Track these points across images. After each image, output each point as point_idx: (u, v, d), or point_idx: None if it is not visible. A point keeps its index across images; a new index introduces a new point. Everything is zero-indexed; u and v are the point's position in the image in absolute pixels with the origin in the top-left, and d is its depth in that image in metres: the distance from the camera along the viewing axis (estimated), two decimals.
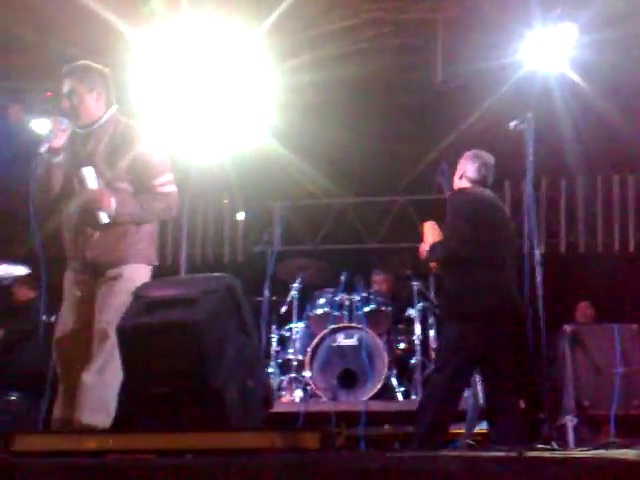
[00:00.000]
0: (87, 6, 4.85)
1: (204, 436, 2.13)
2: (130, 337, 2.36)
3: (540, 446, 2.81)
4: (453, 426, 4.82)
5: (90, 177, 3.04)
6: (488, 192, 3.91)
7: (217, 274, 2.63)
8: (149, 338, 2.34)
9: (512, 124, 4.05)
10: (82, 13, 5.02)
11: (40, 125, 5.92)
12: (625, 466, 1.87)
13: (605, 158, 6.29)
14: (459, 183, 3.93)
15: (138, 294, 2.48)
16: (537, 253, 3.92)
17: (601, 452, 2.29)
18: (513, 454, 1.93)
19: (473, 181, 3.87)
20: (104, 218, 3.01)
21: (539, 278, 3.83)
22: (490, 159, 3.96)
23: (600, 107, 5.72)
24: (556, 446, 3.03)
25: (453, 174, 4.03)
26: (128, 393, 2.39)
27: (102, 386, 2.92)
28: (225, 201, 7.40)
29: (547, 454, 2.18)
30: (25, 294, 5.01)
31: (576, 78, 5.53)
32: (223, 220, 7.45)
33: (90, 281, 3.13)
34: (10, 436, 2.27)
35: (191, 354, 2.27)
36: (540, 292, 3.82)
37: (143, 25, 5.12)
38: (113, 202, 3.01)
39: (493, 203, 3.87)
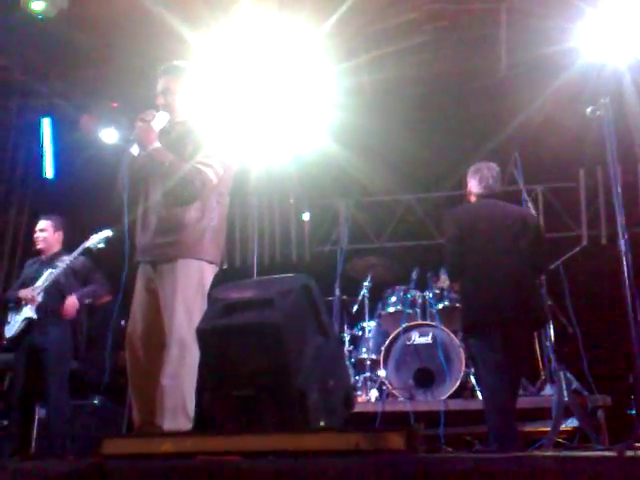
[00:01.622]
0: (149, 16, 4.95)
1: (288, 437, 2.09)
2: (210, 339, 2.35)
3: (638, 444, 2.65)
4: (538, 424, 4.69)
5: (159, 120, 3.19)
6: (489, 202, 3.89)
7: (293, 274, 2.59)
8: (228, 340, 2.32)
9: (589, 110, 3.87)
10: (145, 23, 5.14)
11: (108, 134, 6.09)
12: None
13: None
14: (470, 198, 4.00)
15: (215, 296, 2.47)
16: (622, 243, 3.73)
17: None
18: (612, 453, 1.81)
19: (478, 195, 3.91)
20: (134, 150, 3.13)
21: (627, 268, 3.63)
22: (491, 168, 3.96)
23: None
24: None
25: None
26: (210, 395, 2.38)
27: (179, 389, 2.93)
28: (291, 201, 7.41)
29: None
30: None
31: None
32: (289, 220, 7.47)
33: (154, 275, 3.14)
34: (100, 440, 2.29)
35: (271, 355, 2.24)
36: (627, 282, 3.62)
37: (205, 29, 5.19)
38: (155, 139, 3.12)
39: (488, 213, 3.82)
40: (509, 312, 3.62)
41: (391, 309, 5.65)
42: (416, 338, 5.28)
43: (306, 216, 7.49)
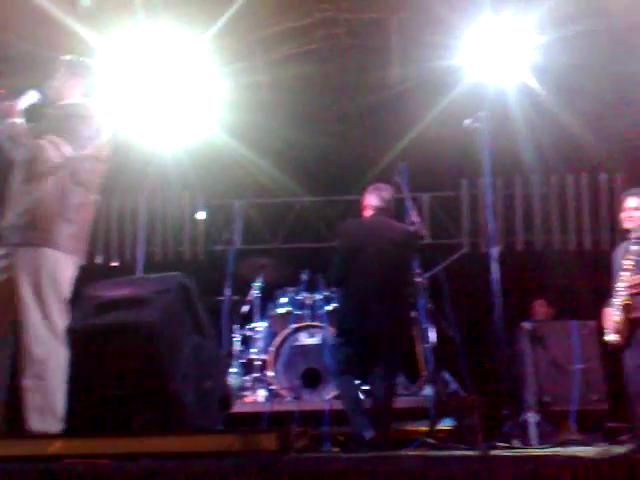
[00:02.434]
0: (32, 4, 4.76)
1: (160, 439, 2.08)
2: (81, 338, 2.28)
3: (502, 444, 2.83)
4: (417, 424, 4.88)
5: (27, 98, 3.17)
6: (380, 219, 4.20)
7: (170, 273, 2.57)
8: (100, 340, 2.27)
9: (466, 122, 4.12)
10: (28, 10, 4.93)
11: None
12: (584, 464, 1.89)
13: (559, 157, 6.41)
14: (366, 214, 4.30)
15: (88, 294, 2.40)
16: (494, 251, 4.01)
17: (560, 450, 2.32)
18: (476, 453, 1.93)
19: (376, 210, 4.24)
20: None
21: (495, 276, 3.91)
22: (388, 189, 4.34)
23: (553, 107, 5.83)
24: (517, 443, 3.07)
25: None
26: (79, 396, 2.31)
27: (44, 390, 2.80)
28: (186, 198, 7.30)
29: (509, 452, 2.19)
30: None
31: (529, 79, 5.63)
32: (183, 218, 7.36)
33: (7, 260, 2.98)
34: None
35: (145, 355, 2.21)
36: (497, 289, 3.90)
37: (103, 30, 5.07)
38: (16, 113, 3.06)
39: (378, 230, 4.14)
40: (380, 327, 3.91)
41: (281, 310, 5.70)
42: (304, 339, 5.36)
43: (201, 215, 7.41)
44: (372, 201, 4.26)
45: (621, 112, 6.17)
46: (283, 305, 5.74)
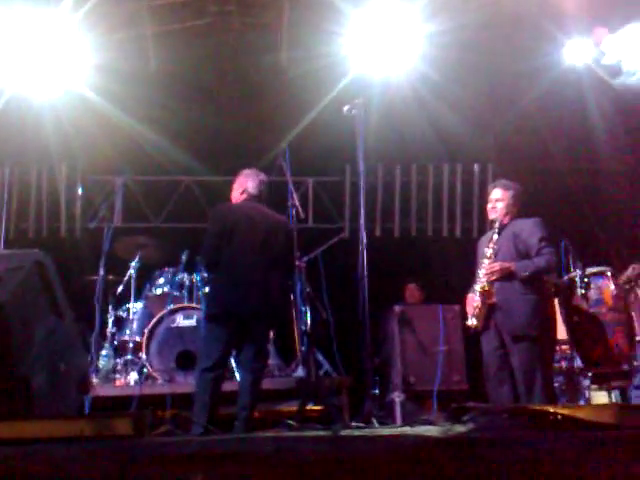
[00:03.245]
0: None
1: (6, 425, 2.00)
2: None
3: (354, 424, 2.95)
4: (289, 404, 4.97)
5: None
6: (254, 205, 4.26)
7: (26, 250, 2.45)
8: None
9: (345, 109, 4.20)
10: None
11: None
12: (426, 442, 2.01)
13: (437, 148, 6.67)
14: (240, 197, 4.29)
15: None
16: (362, 236, 4.18)
17: (407, 429, 2.44)
18: (327, 433, 2.00)
19: (253, 196, 4.28)
20: None
21: (362, 260, 4.06)
22: (263, 176, 4.38)
23: (434, 100, 6.06)
24: (376, 422, 3.20)
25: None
26: None
27: None
28: (63, 170, 6.95)
29: (358, 432, 2.29)
30: None
31: (415, 69, 5.82)
32: (59, 192, 7.01)
33: None
34: None
35: None
36: (365, 274, 4.05)
37: None
38: None
39: (252, 215, 4.19)
40: (251, 309, 3.96)
41: (158, 291, 5.61)
42: (180, 320, 5.29)
43: (79, 190, 7.10)
44: (251, 187, 4.29)
45: (499, 108, 6.51)
46: (160, 286, 5.65)
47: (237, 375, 4.93)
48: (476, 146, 6.76)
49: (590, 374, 4.42)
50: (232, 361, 5.19)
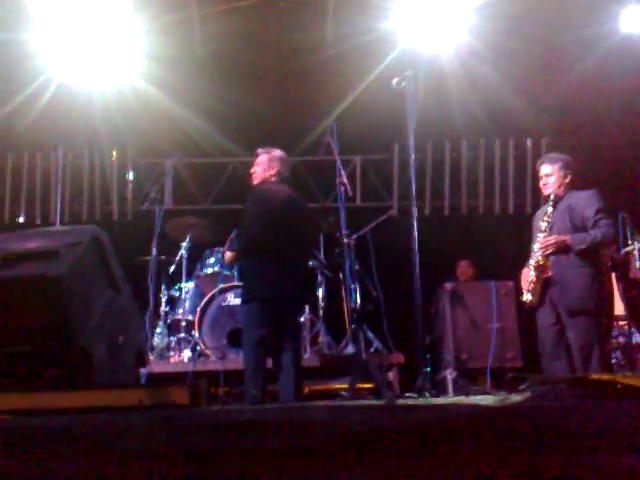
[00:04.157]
0: None
1: (67, 395, 2.05)
2: None
3: (408, 395, 2.93)
4: (341, 381, 4.99)
5: None
6: (286, 188, 4.29)
7: (82, 226, 2.50)
8: (5, 293, 2.19)
9: (394, 82, 4.13)
10: None
11: None
12: (483, 411, 1.98)
13: (488, 122, 6.53)
14: (268, 177, 4.31)
15: None
16: (413, 213, 4.13)
17: (461, 398, 2.41)
18: (381, 402, 1.99)
19: (284, 178, 4.32)
20: None
21: (414, 237, 4.02)
22: (286, 156, 4.43)
23: (484, 72, 5.92)
24: (428, 395, 3.18)
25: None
26: None
27: None
28: (114, 154, 7.09)
29: (412, 401, 2.27)
30: None
31: (463, 42, 5.69)
32: (111, 176, 7.16)
33: None
34: None
35: (52, 310, 2.15)
36: (416, 254, 4.02)
37: None
38: None
39: (283, 199, 4.22)
40: (287, 293, 4.10)
41: (209, 270, 5.68)
42: (231, 299, 5.36)
43: (130, 174, 7.23)
44: (284, 170, 4.34)
45: (550, 79, 6.32)
46: (211, 265, 5.71)
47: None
48: (529, 120, 6.58)
49: None
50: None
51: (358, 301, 5.05)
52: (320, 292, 5.56)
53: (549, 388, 2.04)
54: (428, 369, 5.17)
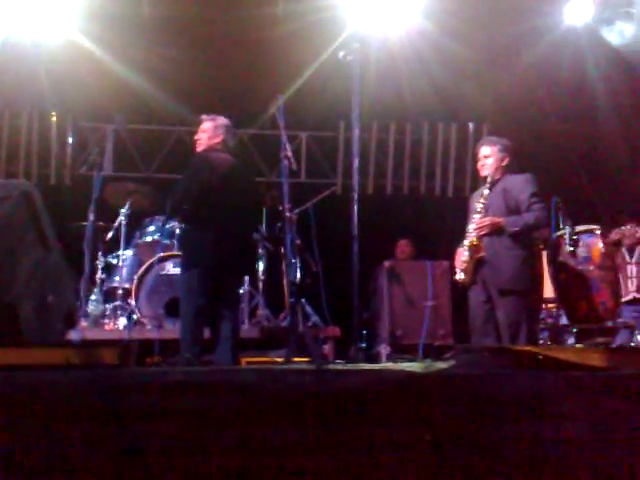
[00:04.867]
0: None
1: None
2: None
3: (338, 361, 2.99)
4: (276, 353, 5.02)
5: None
6: (229, 157, 4.27)
7: (13, 180, 2.43)
8: None
9: (341, 54, 4.13)
10: None
11: None
12: (409, 376, 2.04)
13: (433, 105, 6.61)
14: (213, 145, 4.26)
15: None
16: (355, 190, 4.18)
17: (389, 365, 2.48)
18: (312, 367, 2.03)
19: (228, 147, 4.27)
20: None
21: (354, 217, 4.08)
22: (230, 124, 4.37)
23: (432, 57, 5.98)
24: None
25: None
26: None
27: None
28: (53, 116, 6.87)
29: (341, 367, 2.31)
30: None
31: (415, 23, 5.73)
32: (50, 138, 6.94)
33: None
34: None
35: None
36: (355, 231, 4.07)
37: None
38: None
39: (227, 168, 4.20)
40: (228, 263, 4.07)
41: (148, 238, 5.60)
42: (170, 268, 5.30)
43: (69, 138, 7.02)
44: (230, 139, 4.30)
45: (498, 67, 6.44)
46: (151, 233, 5.63)
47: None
48: (473, 105, 6.71)
49: (575, 331, 4.48)
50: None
51: (298, 275, 5.10)
52: (260, 265, 5.57)
53: (472, 357, 2.11)
54: (364, 345, 5.29)
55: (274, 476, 1.73)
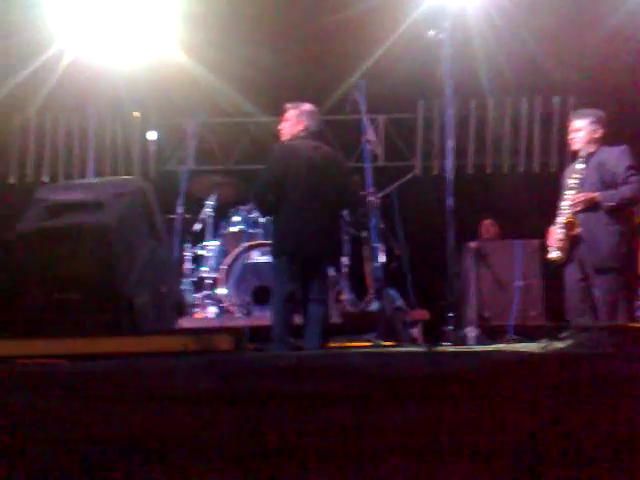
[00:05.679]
0: None
1: (115, 340, 2.11)
2: (31, 241, 2.24)
3: (447, 344, 2.97)
4: (364, 338, 5.05)
5: None
6: (315, 143, 4.22)
7: (127, 177, 2.54)
8: (53, 243, 2.24)
9: (430, 33, 4.07)
10: None
11: None
12: (525, 357, 2.01)
13: (514, 80, 6.43)
14: (297, 133, 4.24)
15: (38, 197, 2.34)
16: (448, 176, 4.12)
17: (502, 346, 2.44)
18: (422, 349, 2.03)
19: (313, 133, 4.24)
20: None
21: (449, 199, 4.01)
22: (314, 109, 4.33)
23: (513, 28, 5.81)
24: None
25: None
26: (30, 299, 2.29)
27: None
28: (136, 114, 7.09)
29: (453, 349, 2.30)
30: None
31: None
32: (133, 136, 7.17)
33: None
34: None
35: (99, 259, 2.20)
36: (449, 212, 4.01)
37: None
38: None
39: (308, 154, 4.16)
40: (313, 251, 4.08)
41: (234, 228, 5.71)
42: (256, 257, 5.40)
43: (152, 135, 7.23)
44: (313, 125, 4.27)
45: (581, 35, 6.19)
46: (236, 224, 5.74)
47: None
48: (557, 78, 6.48)
49: None
50: None
51: (383, 259, 5.10)
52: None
53: (591, 335, 2.06)
54: (451, 327, 5.25)
55: (390, 458, 1.73)
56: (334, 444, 1.80)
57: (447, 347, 2.56)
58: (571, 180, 4.06)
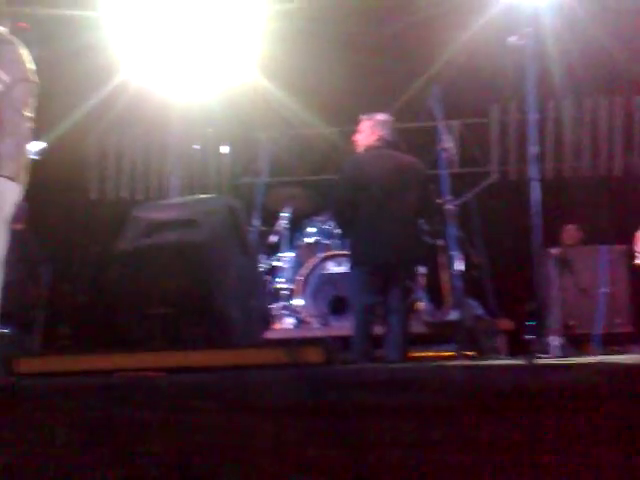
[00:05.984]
0: None
1: (211, 354, 2.16)
2: (131, 259, 2.34)
3: (541, 356, 2.89)
4: (442, 348, 4.98)
5: None
6: (389, 152, 4.22)
7: (217, 195, 2.61)
8: (151, 260, 2.32)
9: (511, 39, 4.00)
10: None
11: None
12: (624, 369, 1.93)
13: (593, 80, 6.24)
14: (371, 143, 4.25)
15: (136, 215, 2.44)
16: (535, 184, 4.04)
17: (600, 358, 2.36)
18: (521, 362, 1.98)
19: (388, 142, 4.25)
20: None
21: (535, 206, 3.92)
22: (390, 120, 4.35)
23: (589, 27, 5.65)
24: None
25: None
26: (128, 314, 2.39)
27: None
28: (209, 130, 7.26)
29: (552, 361, 2.24)
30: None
31: None
32: (207, 151, 7.34)
33: None
34: (13, 360, 2.27)
35: (194, 275, 2.27)
36: (535, 219, 3.92)
37: None
38: None
39: (383, 164, 4.15)
40: (391, 261, 4.08)
41: (309, 240, 5.76)
42: (332, 267, 5.43)
43: (225, 149, 7.39)
44: (387, 134, 4.28)
45: None
46: (311, 235, 5.79)
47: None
48: (634, 76, 6.24)
49: None
50: None
51: (461, 268, 5.02)
52: None
53: None
54: (533, 337, 5.11)
55: (491, 472, 1.70)
56: (427, 457, 1.77)
57: (546, 359, 2.49)
58: None
